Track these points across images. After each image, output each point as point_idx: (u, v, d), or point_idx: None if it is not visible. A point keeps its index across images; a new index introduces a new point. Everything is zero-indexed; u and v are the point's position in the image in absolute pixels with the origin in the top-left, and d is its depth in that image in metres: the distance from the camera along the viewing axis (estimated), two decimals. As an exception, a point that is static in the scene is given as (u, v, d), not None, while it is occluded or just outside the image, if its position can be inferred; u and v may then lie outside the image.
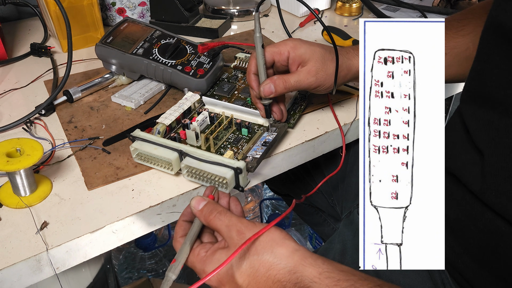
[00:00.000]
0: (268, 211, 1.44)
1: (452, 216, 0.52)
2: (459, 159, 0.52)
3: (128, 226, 0.53)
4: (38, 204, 0.53)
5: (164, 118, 0.61)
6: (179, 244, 0.45)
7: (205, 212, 0.45)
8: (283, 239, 0.43)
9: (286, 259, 0.42)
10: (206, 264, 0.43)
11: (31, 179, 0.53)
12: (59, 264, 0.50)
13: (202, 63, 0.71)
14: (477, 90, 0.50)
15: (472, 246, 0.50)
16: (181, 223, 0.48)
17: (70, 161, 0.59)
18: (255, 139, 0.60)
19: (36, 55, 0.85)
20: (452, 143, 0.54)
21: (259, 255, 0.42)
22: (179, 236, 0.46)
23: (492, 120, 0.46)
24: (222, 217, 0.44)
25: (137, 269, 1.22)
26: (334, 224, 0.89)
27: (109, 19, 0.95)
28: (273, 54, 0.60)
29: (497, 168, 0.45)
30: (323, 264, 0.41)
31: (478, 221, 0.49)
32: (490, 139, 0.46)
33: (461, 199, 0.51)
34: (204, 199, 0.46)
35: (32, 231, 0.50)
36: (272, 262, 0.42)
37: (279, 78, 0.58)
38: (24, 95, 0.74)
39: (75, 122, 0.67)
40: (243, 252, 0.42)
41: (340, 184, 0.80)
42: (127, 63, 0.71)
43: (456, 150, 0.53)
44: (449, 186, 0.53)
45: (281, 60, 0.60)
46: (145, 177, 0.57)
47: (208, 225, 0.45)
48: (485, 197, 0.47)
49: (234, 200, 0.49)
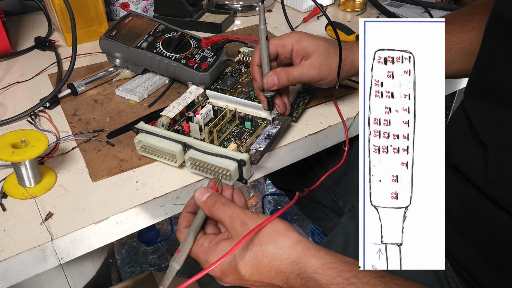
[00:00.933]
0: (270, 207, 1.44)
1: (455, 210, 0.52)
2: (462, 152, 0.52)
3: (132, 218, 0.53)
4: (43, 195, 0.53)
5: (168, 111, 0.61)
6: (183, 235, 0.46)
7: (209, 203, 0.45)
8: (286, 230, 0.43)
9: (289, 250, 0.42)
10: (210, 254, 0.43)
11: (36, 170, 0.53)
12: (64, 254, 0.50)
13: (205, 57, 0.71)
14: (480, 84, 0.50)
15: (474, 239, 0.51)
16: (185, 214, 0.48)
17: (75, 153, 0.60)
18: (259, 132, 0.60)
19: (41, 48, 0.85)
20: (456, 137, 0.54)
21: (262, 246, 0.42)
22: (183, 227, 0.47)
23: (495, 114, 0.46)
24: (226, 208, 0.44)
25: (140, 263, 1.22)
26: (337, 219, 0.89)
27: (113, 13, 0.95)
28: (277, 46, 0.60)
29: (500, 161, 0.45)
30: (326, 255, 0.42)
31: (480, 214, 0.49)
32: (494, 132, 0.46)
33: (463, 192, 0.51)
34: (207, 190, 0.46)
35: (37, 221, 0.50)
36: (275, 253, 0.42)
37: (282, 70, 0.59)
38: (29, 88, 0.74)
39: (79, 115, 0.67)
40: (246, 243, 0.43)
41: (343, 178, 0.80)
42: (131, 57, 0.71)
43: (459, 143, 0.53)
44: (451, 180, 0.53)
45: (285, 53, 0.60)
46: (149, 169, 0.57)
47: (211, 216, 0.46)
48: (488, 190, 0.47)
49: (238, 192, 0.50)
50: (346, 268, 0.41)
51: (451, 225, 0.53)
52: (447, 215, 0.54)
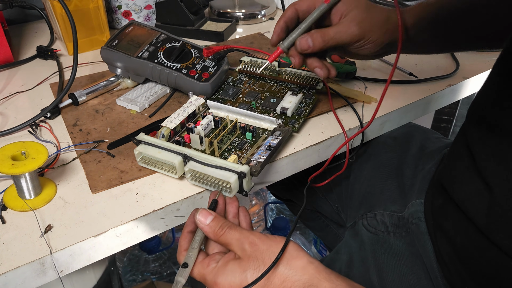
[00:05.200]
0: (273, 214, 1.43)
1: (459, 243, 0.50)
2: (463, 190, 0.49)
3: (132, 230, 0.53)
4: (43, 207, 0.53)
5: (168, 122, 0.61)
6: (183, 258, 0.44)
7: (214, 227, 0.44)
8: (297, 251, 0.42)
9: (301, 271, 0.41)
10: (218, 275, 0.42)
11: (35, 182, 0.53)
12: (63, 268, 0.50)
13: (207, 67, 0.71)
14: (486, 113, 0.46)
15: (478, 275, 0.49)
16: (186, 234, 0.47)
17: (75, 164, 0.60)
18: (260, 143, 0.60)
19: (42, 57, 0.85)
20: (456, 170, 0.51)
21: (274, 267, 0.42)
22: (183, 249, 0.45)
23: (502, 151, 0.42)
24: (233, 231, 0.44)
25: (141, 272, 1.22)
26: (337, 229, 0.88)
27: (115, 22, 0.95)
28: (316, 2, 0.53)
29: (506, 208, 0.42)
30: (336, 280, 0.41)
31: (483, 253, 0.47)
32: (500, 173, 0.42)
33: (466, 230, 0.49)
34: (210, 213, 0.45)
35: (36, 234, 0.50)
36: (287, 274, 0.41)
37: (317, 31, 0.52)
38: (30, 98, 0.74)
39: (80, 125, 0.67)
40: (257, 264, 0.42)
41: (344, 191, 0.80)
42: (132, 67, 0.71)
43: (459, 179, 0.50)
44: (456, 214, 0.51)
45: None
46: (149, 180, 0.57)
47: (217, 240, 0.44)
48: (490, 233, 0.45)
49: (243, 210, 0.49)
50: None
51: (456, 257, 0.52)
52: (451, 245, 0.53)
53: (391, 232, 0.64)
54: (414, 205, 0.63)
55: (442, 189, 0.55)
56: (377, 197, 0.70)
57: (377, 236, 0.65)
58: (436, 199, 0.59)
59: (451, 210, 0.52)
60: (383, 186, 0.71)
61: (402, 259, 0.61)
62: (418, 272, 0.59)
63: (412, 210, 0.63)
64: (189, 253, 0.44)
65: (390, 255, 0.62)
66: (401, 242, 0.62)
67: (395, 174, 0.71)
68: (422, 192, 0.64)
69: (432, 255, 0.57)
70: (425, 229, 0.60)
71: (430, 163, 0.68)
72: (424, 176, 0.66)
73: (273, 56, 0.57)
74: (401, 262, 0.61)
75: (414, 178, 0.68)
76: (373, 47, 0.54)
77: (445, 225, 0.54)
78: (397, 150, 0.74)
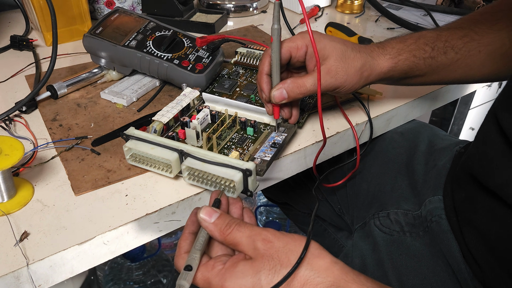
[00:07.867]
0: (262, 218, 1.38)
1: (494, 235, 0.47)
2: (500, 175, 0.46)
3: (122, 237, 0.46)
4: (18, 212, 0.47)
5: (161, 116, 0.55)
6: (183, 261, 0.38)
7: (221, 225, 0.39)
8: (319, 249, 0.37)
9: (325, 272, 0.36)
10: (226, 278, 0.36)
11: (9, 183, 0.47)
12: (42, 281, 0.43)
13: (201, 58, 0.65)
14: None
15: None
16: (186, 235, 0.41)
17: (55, 163, 0.53)
18: (262, 140, 0.54)
19: (17, 48, 0.78)
20: (490, 157, 0.49)
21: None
22: (184, 252, 0.39)
23: None
24: (242, 228, 0.38)
25: (124, 281, 1.14)
26: (336, 234, 0.83)
27: (97, 12, 0.88)
28: (290, 49, 0.52)
29: None
30: (366, 282, 0.36)
31: None
32: None
33: (503, 218, 0.46)
34: (215, 210, 0.40)
35: (10, 242, 0.43)
36: (308, 276, 0.36)
37: (293, 82, 0.51)
38: (3, 91, 0.67)
39: (60, 120, 0.60)
40: (273, 264, 0.36)
41: (349, 190, 0.75)
42: (118, 56, 0.65)
43: (495, 164, 0.47)
44: (490, 204, 0.48)
45: (298, 56, 0.53)
46: (140, 180, 0.51)
47: (224, 239, 0.39)
48: None
49: (248, 211, 0.43)
50: None
51: (489, 252, 0.48)
52: (483, 239, 0.49)
53: (407, 232, 0.60)
54: (432, 202, 0.59)
55: (470, 180, 0.52)
56: (388, 195, 0.65)
57: (392, 236, 0.61)
58: (457, 194, 0.55)
59: (481, 201, 0.48)
60: (394, 184, 0.66)
61: (422, 261, 0.57)
62: (441, 274, 0.54)
63: (430, 207, 0.59)
64: (192, 254, 0.38)
65: (409, 257, 0.57)
66: (419, 243, 0.58)
67: (405, 171, 0.67)
68: (438, 188, 0.60)
69: (459, 255, 0.53)
70: (447, 227, 0.55)
71: (443, 159, 0.64)
72: (439, 173, 0.62)
73: (276, 112, 0.54)
74: (421, 264, 0.56)
75: (426, 175, 0.64)
76: (350, 91, 0.54)
77: (474, 219, 0.50)
78: (405, 146, 0.70)
